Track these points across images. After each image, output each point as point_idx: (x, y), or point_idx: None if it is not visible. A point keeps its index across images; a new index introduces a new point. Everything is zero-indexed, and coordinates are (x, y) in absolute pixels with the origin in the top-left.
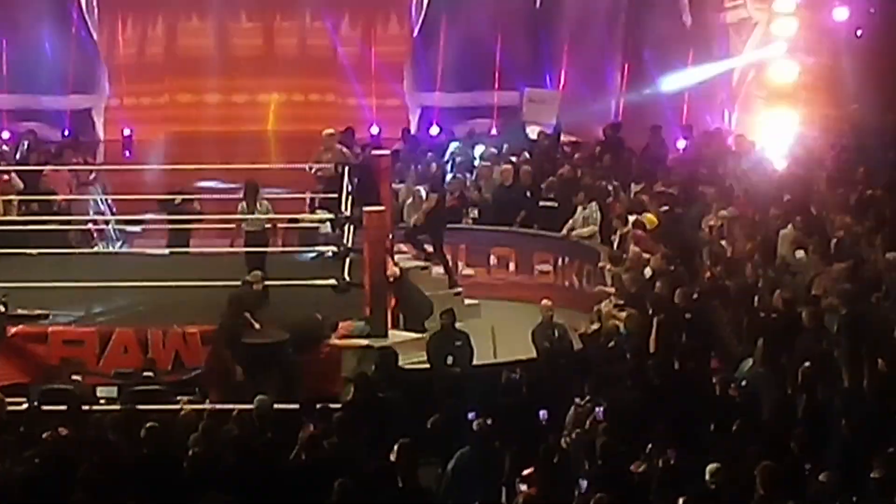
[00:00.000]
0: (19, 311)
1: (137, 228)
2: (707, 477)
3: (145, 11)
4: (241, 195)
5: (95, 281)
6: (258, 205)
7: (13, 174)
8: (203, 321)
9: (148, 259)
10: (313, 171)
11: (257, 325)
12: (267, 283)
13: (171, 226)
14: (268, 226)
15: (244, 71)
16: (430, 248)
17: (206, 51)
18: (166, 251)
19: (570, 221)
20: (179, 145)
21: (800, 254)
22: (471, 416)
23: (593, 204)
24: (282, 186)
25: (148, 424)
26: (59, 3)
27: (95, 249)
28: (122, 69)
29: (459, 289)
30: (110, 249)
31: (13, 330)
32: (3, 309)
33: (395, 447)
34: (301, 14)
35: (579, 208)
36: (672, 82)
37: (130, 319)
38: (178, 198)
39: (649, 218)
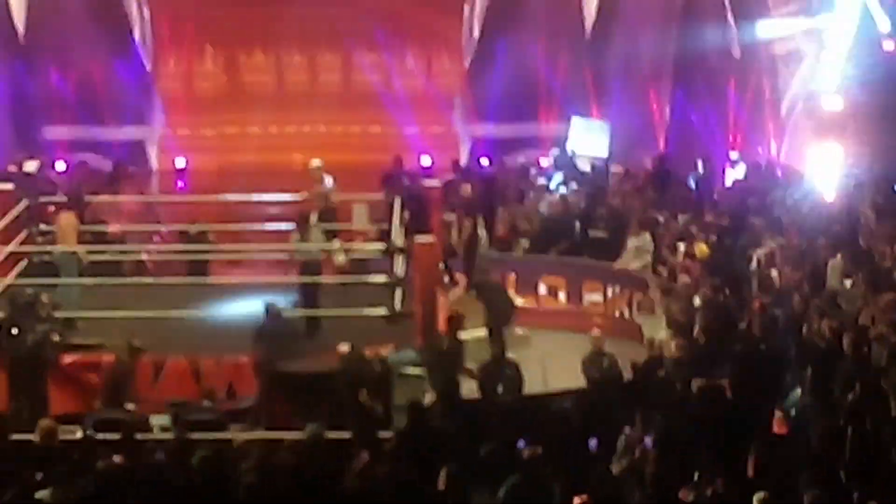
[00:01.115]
0: (75, 341)
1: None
2: None
3: (199, 44)
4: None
5: (149, 310)
6: (311, 234)
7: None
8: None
9: (202, 289)
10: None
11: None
12: (318, 312)
13: (226, 256)
14: (322, 256)
15: (294, 103)
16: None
17: (258, 83)
18: (221, 280)
19: (623, 253)
20: (231, 176)
21: (848, 283)
22: (520, 444)
23: (646, 235)
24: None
25: (200, 453)
26: (114, 35)
27: (149, 280)
28: (176, 100)
29: None
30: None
31: (69, 359)
32: (58, 338)
33: (442, 475)
34: (347, 48)
35: (631, 238)
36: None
37: (183, 349)
38: (195, 228)
39: (701, 248)
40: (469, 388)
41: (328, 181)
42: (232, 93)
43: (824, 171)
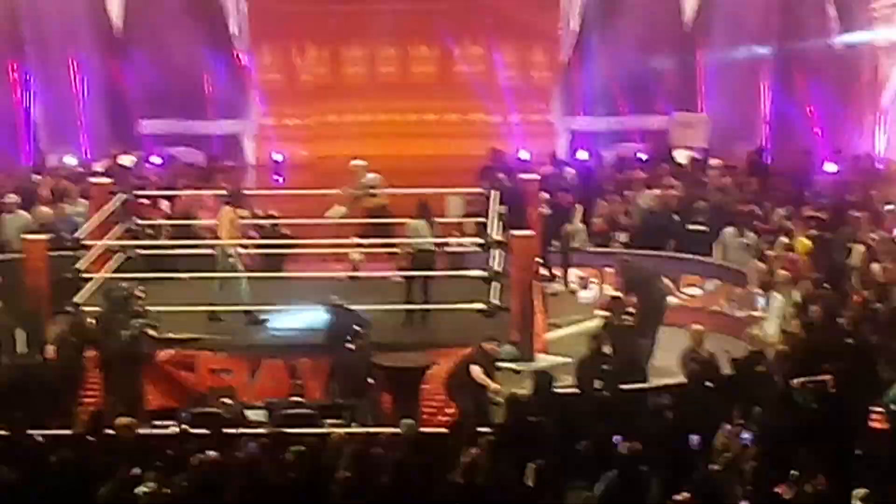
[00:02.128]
0: (169, 335)
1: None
2: (856, 502)
3: (295, 37)
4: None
5: (242, 305)
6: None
7: (161, 200)
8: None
9: (298, 283)
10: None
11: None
12: (414, 306)
13: (328, 250)
14: (435, 248)
15: (389, 93)
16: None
17: (353, 76)
18: (316, 274)
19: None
20: (327, 169)
21: None
22: (617, 439)
23: (746, 230)
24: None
25: (294, 448)
26: (209, 28)
27: (244, 274)
28: (272, 92)
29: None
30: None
31: (163, 356)
32: (153, 333)
33: (530, 470)
34: (442, 40)
35: (727, 231)
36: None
37: (277, 344)
38: (268, 222)
39: (802, 242)
40: (568, 382)
41: (371, 178)
42: (329, 84)
43: None
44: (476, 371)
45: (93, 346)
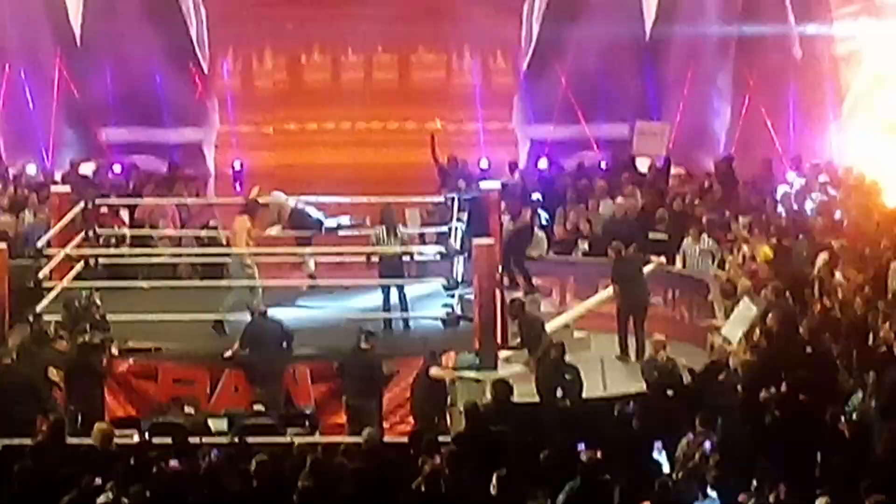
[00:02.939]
0: (130, 345)
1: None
2: None
3: (256, 43)
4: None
5: (204, 313)
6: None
7: (121, 209)
8: (314, 356)
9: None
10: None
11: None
12: (376, 315)
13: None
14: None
15: (350, 100)
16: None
17: (314, 82)
18: (279, 283)
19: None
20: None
21: None
22: (580, 447)
23: (708, 238)
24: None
25: (257, 458)
26: (170, 36)
27: (205, 283)
28: (232, 99)
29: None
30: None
31: (123, 366)
32: (112, 342)
33: (494, 479)
34: (404, 46)
35: (688, 240)
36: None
37: (237, 353)
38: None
39: (764, 251)
40: (530, 392)
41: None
42: (289, 91)
43: (887, 172)
44: (434, 371)
45: (52, 355)
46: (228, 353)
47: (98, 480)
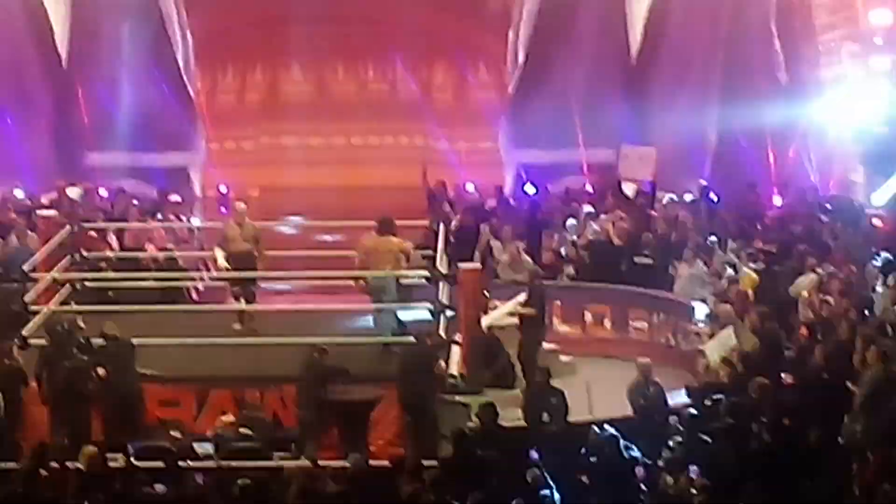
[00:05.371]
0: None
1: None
2: None
3: (239, 61)
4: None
5: (192, 337)
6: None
7: (110, 233)
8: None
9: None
10: None
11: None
12: (361, 339)
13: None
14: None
15: (338, 115)
16: None
17: (301, 98)
18: (267, 308)
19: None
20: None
21: None
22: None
23: (700, 263)
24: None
25: (240, 481)
26: (155, 59)
27: (194, 307)
28: (216, 117)
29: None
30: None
31: None
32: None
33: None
34: (392, 61)
35: (682, 265)
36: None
37: (226, 377)
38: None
39: (749, 276)
40: (515, 416)
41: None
42: (272, 107)
43: (873, 197)
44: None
45: (37, 378)
46: None
47: None
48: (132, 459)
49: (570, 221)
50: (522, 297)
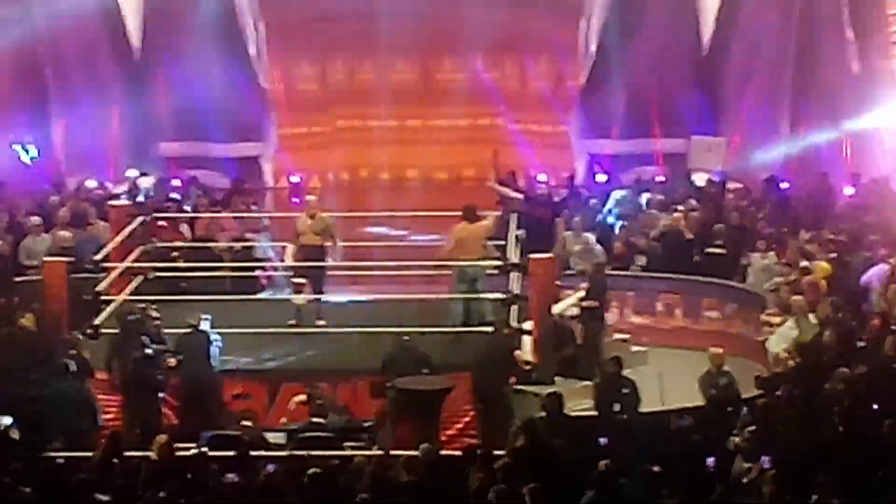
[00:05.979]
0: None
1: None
2: None
3: (314, 53)
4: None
5: (264, 328)
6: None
7: (182, 223)
8: (371, 370)
9: (318, 306)
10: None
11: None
12: (431, 329)
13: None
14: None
15: (412, 102)
16: None
17: (374, 86)
18: (336, 298)
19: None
20: (346, 191)
21: None
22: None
23: (772, 254)
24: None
25: (311, 471)
26: (229, 51)
27: (264, 296)
28: (290, 110)
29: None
30: (280, 296)
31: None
32: (169, 356)
33: (526, 492)
34: (461, 59)
35: (754, 255)
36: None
37: (298, 367)
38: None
39: (822, 266)
40: (586, 406)
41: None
42: (348, 96)
43: None
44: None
45: (107, 367)
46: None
47: (162, 494)
48: (204, 448)
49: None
50: (583, 288)
